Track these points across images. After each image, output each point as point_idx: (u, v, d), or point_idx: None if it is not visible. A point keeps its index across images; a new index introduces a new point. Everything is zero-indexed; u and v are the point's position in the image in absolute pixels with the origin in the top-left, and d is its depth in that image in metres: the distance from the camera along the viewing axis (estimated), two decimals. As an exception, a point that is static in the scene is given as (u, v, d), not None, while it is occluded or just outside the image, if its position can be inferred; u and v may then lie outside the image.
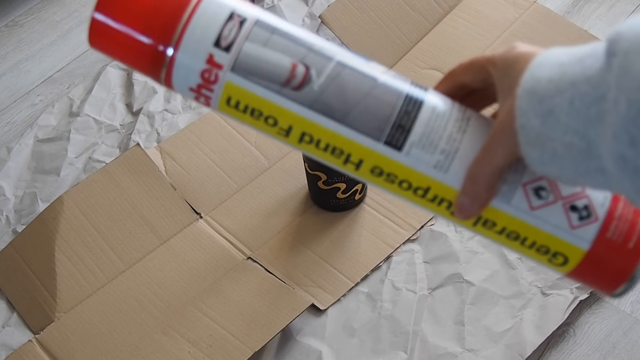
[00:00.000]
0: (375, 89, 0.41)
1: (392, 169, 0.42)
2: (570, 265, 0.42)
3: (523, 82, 0.38)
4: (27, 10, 1.28)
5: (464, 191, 0.41)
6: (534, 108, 0.37)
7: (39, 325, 0.91)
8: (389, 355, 0.86)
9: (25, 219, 1.00)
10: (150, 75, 0.44)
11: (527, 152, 0.38)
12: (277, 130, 0.42)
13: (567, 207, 0.41)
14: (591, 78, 0.35)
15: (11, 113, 1.14)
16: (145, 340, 0.88)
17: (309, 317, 0.90)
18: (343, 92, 0.41)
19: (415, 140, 0.41)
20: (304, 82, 0.41)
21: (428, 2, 1.17)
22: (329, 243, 0.95)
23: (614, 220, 0.41)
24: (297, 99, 0.41)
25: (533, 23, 1.15)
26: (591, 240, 0.41)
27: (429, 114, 0.41)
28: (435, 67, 1.11)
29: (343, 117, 0.41)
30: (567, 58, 0.38)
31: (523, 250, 0.43)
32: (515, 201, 0.41)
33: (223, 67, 0.41)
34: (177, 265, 0.94)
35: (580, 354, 0.87)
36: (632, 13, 1.21)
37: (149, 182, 0.99)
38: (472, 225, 0.43)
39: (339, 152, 0.42)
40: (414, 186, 0.42)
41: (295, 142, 0.43)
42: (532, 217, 0.41)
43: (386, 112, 0.41)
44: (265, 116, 0.42)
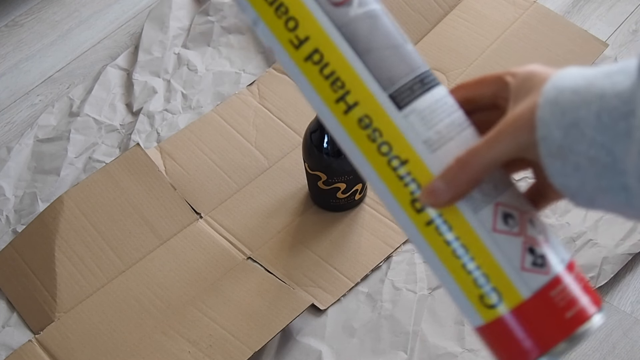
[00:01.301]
0: (404, 47, 0.41)
1: (382, 124, 0.39)
2: (498, 311, 0.38)
3: (545, 92, 0.37)
4: (27, 10, 1.28)
5: (445, 175, 0.39)
6: (556, 119, 0.36)
7: (39, 325, 0.91)
8: (389, 355, 0.86)
9: (25, 219, 1.00)
10: None
11: (547, 162, 0.37)
12: (292, 37, 0.40)
13: (526, 246, 0.39)
14: (622, 93, 0.34)
15: (11, 113, 1.14)
16: (145, 340, 0.88)
17: (309, 317, 0.90)
18: (374, 31, 0.40)
19: (419, 108, 0.40)
20: (344, 3, 0.40)
21: (428, 2, 1.17)
22: (329, 243, 0.95)
23: (562, 283, 0.38)
24: (330, 13, 0.40)
25: (533, 23, 1.15)
26: (534, 291, 0.38)
27: (440, 96, 0.40)
28: (435, 67, 1.11)
29: (364, 52, 0.40)
30: (592, 73, 0.37)
31: (460, 276, 0.39)
32: (482, 215, 0.39)
33: None
34: (177, 265, 0.94)
35: (580, 354, 0.87)
36: (632, 13, 1.21)
37: (149, 182, 0.99)
38: (424, 225, 0.40)
39: (339, 85, 0.40)
40: (393, 152, 0.39)
41: (300, 58, 0.40)
42: (490, 239, 0.38)
43: (404, 70, 0.40)
44: (290, 16, 0.40)
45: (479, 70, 1.10)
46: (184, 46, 1.17)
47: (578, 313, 0.38)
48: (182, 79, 1.13)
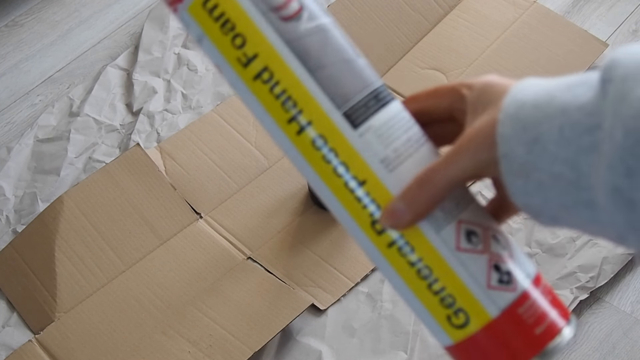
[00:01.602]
0: (357, 62, 0.39)
1: (337, 144, 0.38)
2: (468, 330, 0.37)
3: (505, 106, 0.35)
4: (27, 10, 1.28)
5: (405, 195, 0.37)
6: (518, 135, 0.34)
7: (39, 325, 0.91)
8: (389, 355, 0.86)
9: (25, 219, 1.00)
10: None
11: (509, 181, 0.35)
12: (239, 55, 0.38)
13: (491, 263, 0.37)
14: (584, 106, 0.33)
15: (11, 113, 1.14)
16: (145, 340, 0.88)
17: (309, 317, 0.90)
18: (326, 47, 0.38)
19: (375, 125, 0.38)
20: (293, 17, 0.38)
21: (428, 2, 1.17)
22: (329, 243, 0.95)
23: (530, 298, 0.37)
24: (279, 29, 0.38)
25: (533, 23, 1.15)
26: (502, 308, 0.37)
27: (396, 112, 0.39)
28: (435, 67, 1.11)
29: (315, 69, 0.38)
30: (553, 85, 0.35)
31: (425, 297, 0.38)
32: (444, 234, 0.37)
33: None
34: (177, 265, 0.94)
35: (580, 354, 0.87)
36: (632, 13, 1.21)
37: (149, 182, 0.99)
38: (386, 247, 0.38)
39: (291, 105, 0.38)
40: (350, 173, 0.38)
41: (249, 77, 0.38)
42: (454, 258, 0.37)
43: (358, 86, 0.38)
44: (236, 33, 0.38)
45: (479, 70, 1.10)
46: (184, 46, 1.17)
47: (548, 328, 0.37)
48: (182, 79, 1.13)
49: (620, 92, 0.31)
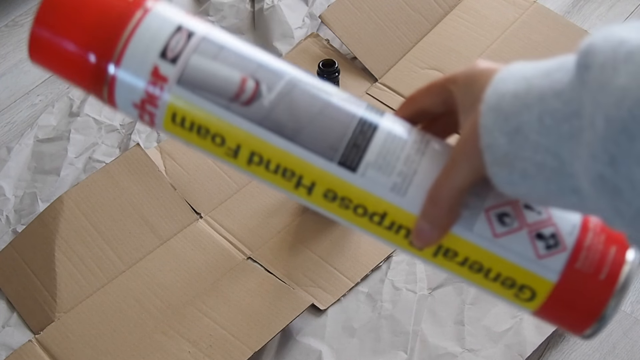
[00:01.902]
0: (329, 107, 0.39)
1: (346, 192, 0.39)
2: (538, 300, 0.39)
3: (486, 98, 0.36)
4: (27, 10, 1.28)
5: (424, 215, 0.38)
6: (499, 126, 0.35)
7: (39, 325, 0.91)
8: (389, 355, 0.86)
9: (25, 219, 1.00)
10: (93, 91, 0.41)
11: (494, 172, 0.36)
12: (225, 150, 0.40)
13: (532, 235, 0.38)
14: (561, 93, 0.33)
15: (11, 113, 1.14)
16: (145, 340, 0.88)
17: (309, 317, 0.90)
18: (295, 109, 0.39)
19: (371, 160, 0.39)
20: (253, 98, 0.39)
21: (428, 2, 1.17)
22: (329, 243, 0.95)
23: (583, 249, 0.38)
24: (246, 115, 0.39)
25: (533, 23, 1.15)
26: (559, 271, 0.38)
27: (386, 135, 0.39)
28: (435, 67, 1.11)
29: (294, 135, 0.39)
30: (532, 72, 0.35)
31: (488, 285, 0.40)
32: (477, 228, 0.38)
33: (168, 80, 0.39)
34: (177, 265, 0.94)
35: (580, 354, 0.87)
36: (632, 13, 1.21)
37: (149, 182, 0.99)
38: (432, 257, 0.39)
39: (290, 174, 0.39)
40: (369, 211, 0.39)
41: (244, 164, 0.40)
42: (496, 246, 0.38)
43: (340, 130, 0.39)
44: (213, 134, 0.39)
45: (479, 70, 1.10)
46: (184, 46, 1.17)
47: (610, 271, 0.38)
48: (182, 79, 1.13)
49: (599, 81, 0.31)
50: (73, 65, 0.41)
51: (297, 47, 1.15)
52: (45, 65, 0.42)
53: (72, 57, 0.40)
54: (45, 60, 0.42)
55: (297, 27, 1.19)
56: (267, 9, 1.20)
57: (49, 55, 0.41)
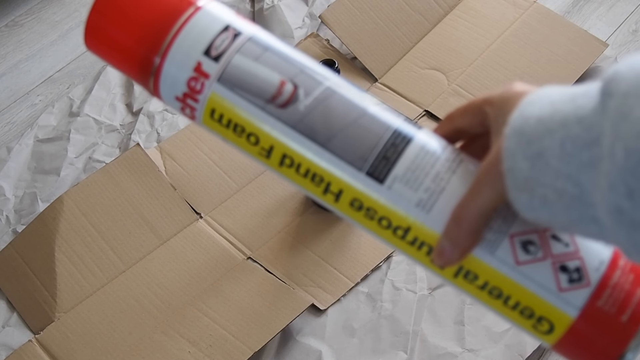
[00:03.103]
0: (363, 117, 0.40)
1: (372, 203, 0.39)
2: (556, 334, 0.38)
3: (512, 121, 0.35)
4: (27, 10, 1.28)
5: (446, 234, 0.37)
6: (522, 149, 0.34)
7: (39, 325, 0.91)
8: (389, 355, 0.86)
9: (25, 219, 1.00)
10: (141, 82, 0.43)
11: (514, 196, 0.35)
12: (259, 150, 0.41)
13: (556, 266, 0.37)
14: (583, 119, 0.32)
15: (11, 113, 1.14)
16: (145, 340, 0.88)
17: (309, 317, 0.90)
18: (329, 115, 0.39)
19: (399, 174, 0.39)
20: (290, 101, 0.39)
21: (428, 2, 1.17)
22: (329, 243, 0.95)
23: (608, 287, 0.37)
24: (281, 117, 0.39)
25: (533, 23, 1.15)
26: (580, 307, 0.37)
27: (418, 150, 0.39)
28: (435, 67, 1.11)
29: (326, 141, 0.39)
30: (559, 96, 0.35)
31: (506, 312, 0.39)
32: (500, 253, 0.38)
33: (210, 76, 0.40)
34: (177, 265, 0.94)
35: (580, 354, 0.87)
36: (632, 13, 1.21)
37: (149, 182, 0.99)
38: (453, 277, 0.39)
39: (318, 180, 0.40)
40: (393, 225, 0.39)
41: (276, 165, 0.41)
42: (517, 273, 0.37)
43: (372, 142, 0.39)
44: (248, 133, 0.40)
45: (479, 71, 1.10)
46: (184, 46, 1.17)
47: (634, 313, 0.37)
48: (182, 79, 1.13)
49: (621, 110, 0.30)
50: (123, 55, 0.42)
51: (297, 47, 1.15)
52: (98, 53, 0.44)
53: (123, 47, 0.42)
54: (98, 48, 0.43)
55: (297, 27, 1.19)
56: (267, 9, 1.20)
57: (102, 43, 0.43)
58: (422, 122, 1.07)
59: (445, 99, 1.08)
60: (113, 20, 0.42)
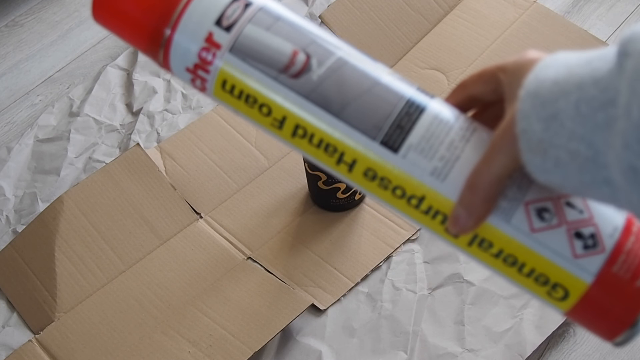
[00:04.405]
0: (377, 86, 0.40)
1: (386, 172, 0.39)
2: (571, 300, 0.38)
3: (526, 84, 0.35)
4: (27, 10, 1.28)
5: (461, 201, 0.38)
6: (536, 111, 0.34)
7: (39, 325, 0.91)
8: (389, 355, 0.86)
9: (25, 219, 1.01)
10: (150, 54, 0.42)
11: (528, 158, 0.35)
12: (271, 121, 0.40)
13: (571, 233, 0.38)
14: (600, 80, 0.32)
15: (11, 113, 1.14)
16: (145, 340, 0.88)
17: (309, 317, 0.90)
18: (342, 85, 0.39)
19: (414, 142, 0.39)
20: (303, 71, 0.39)
21: (428, 2, 1.17)
22: (329, 243, 0.95)
23: (622, 253, 0.37)
24: (294, 87, 0.39)
25: (533, 23, 1.15)
26: (595, 273, 0.37)
27: (432, 118, 0.39)
28: (435, 67, 1.11)
29: (340, 111, 0.39)
30: (575, 60, 0.35)
31: (521, 280, 0.39)
32: (515, 220, 0.38)
33: (222, 47, 0.40)
34: (177, 265, 0.94)
35: (580, 354, 0.87)
36: (632, 13, 1.21)
37: (149, 182, 0.99)
38: (467, 246, 0.39)
39: (332, 150, 0.40)
40: (408, 194, 0.39)
41: (288, 136, 0.40)
42: (532, 240, 0.38)
43: (386, 110, 0.39)
44: (260, 104, 0.40)
45: (479, 70, 1.10)
46: (184, 46, 1.17)
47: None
48: (182, 79, 1.13)
49: (638, 69, 0.30)
50: (132, 27, 0.42)
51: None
52: (106, 25, 0.43)
53: (132, 19, 0.41)
54: (106, 20, 0.43)
55: (297, 27, 1.19)
56: (267, 9, 1.20)
57: (110, 14, 0.42)
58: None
59: (445, 99, 1.08)
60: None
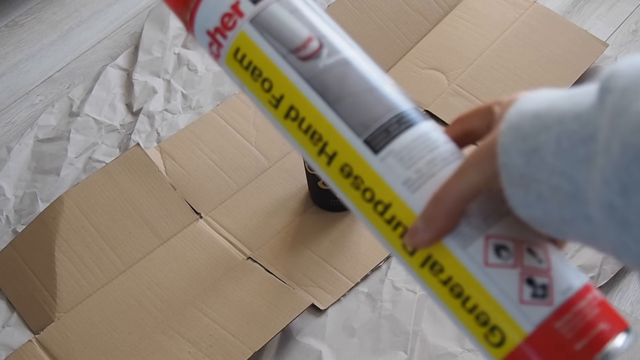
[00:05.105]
0: (376, 90, 0.40)
1: (361, 171, 0.39)
2: (506, 348, 0.37)
3: (508, 117, 0.35)
4: (27, 10, 1.28)
5: (423, 214, 0.37)
6: (517, 146, 0.34)
7: (39, 325, 0.91)
8: (389, 355, 0.86)
9: (25, 219, 1.00)
10: (178, 11, 0.44)
11: (510, 192, 0.35)
12: (269, 98, 0.42)
13: (523, 277, 0.37)
14: (580, 115, 0.32)
15: (11, 113, 1.14)
16: (145, 340, 0.88)
17: (309, 317, 0.90)
18: (344, 79, 0.40)
19: (395, 149, 0.39)
20: (312, 56, 0.41)
21: (428, 2, 1.17)
22: (329, 243, 0.95)
23: (569, 312, 0.36)
24: (299, 68, 0.41)
25: (533, 23, 1.15)
26: (537, 324, 0.36)
27: (420, 134, 0.40)
28: (435, 67, 1.11)
29: (335, 101, 0.40)
30: (557, 94, 0.35)
31: (463, 316, 0.38)
32: (471, 249, 0.37)
33: (244, 15, 0.42)
34: (177, 265, 0.94)
35: (580, 354, 0.87)
36: (632, 13, 1.21)
37: (149, 182, 0.99)
38: (419, 267, 0.39)
39: (317, 138, 0.40)
40: (376, 198, 0.39)
41: (281, 116, 0.41)
42: (483, 274, 0.37)
43: (377, 113, 0.40)
44: (264, 78, 0.41)
45: (479, 71, 1.10)
46: (184, 46, 1.17)
47: (589, 344, 0.36)
48: (182, 79, 1.13)
49: (619, 104, 0.30)
50: None
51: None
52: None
53: None
54: None
55: (297, 27, 1.19)
56: (267, 9, 1.20)
57: None
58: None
59: (445, 99, 1.08)
60: None
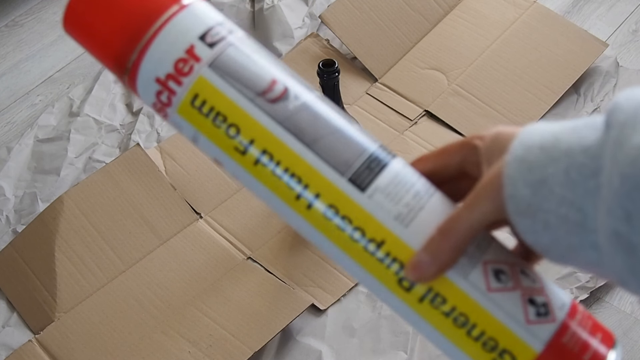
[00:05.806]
0: (348, 130, 0.39)
1: (349, 210, 0.38)
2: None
3: (512, 149, 0.36)
4: (27, 10, 1.28)
5: (428, 246, 0.37)
6: (523, 177, 0.35)
7: (39, 325, 0.91)
8: (389, 355, 0.86)
9: (25, 219, 1.00)
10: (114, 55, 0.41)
11: (516, 221, 0.36)
12: (236, 144, 0.39)
13: (525, 298, 0.37)
14: (589, 149, 0.34)
15: (11, 113, 1.14)
16: (145, 340, 0.88)
17: (309, 317, 0.90)
18: (317, 120, 0.39)
19: (381, 185, 0.38)
20: (280, 98, 0.39)
21: (428, 2, 1.17)
22: (329, 243, 0.95)
23: (571, 327, 0.37)
24: (269, 111, 0.39)
25: (533, 23, 1.15)
26: (546, 341, 0.36)
27: (399, 169, 0.39)
28: (435, 67, 1.11)
29: (312, 142, 0.38)
30: (559, 128, 0.36)
31: (467, 345, 0.37)
32: (472, 277, 0.37)
33: (201, 60, 0.39)
34: (177, 265, 0.94)
35: (580, 354, 0.87)
36: (632, 13, 1.21)
37: (149, 182, 0.99)
38: (417, 302, 0.38)
39: (296, 181, 0.39)
40: (367, 236, 0.38)
41: (249, 163, 0.39)
42: (487, 300, 0.37)
43: (358, 149, 0.39)
44: (229, 124, 0.39)
45: (479, 71, 1.10)
46: (184, 46, 1.17)
47: (594, 355, 0.37)
48: (182, 79, 1.13)
49: (618, 139, 0.32)
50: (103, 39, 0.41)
51: (297, 47, 1.15)
52: (76, 39, 0.42)
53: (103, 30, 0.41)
54: (76, 33, 0.42)
55: (297, 27, 1.19)
56: (267, 9, 1.20)
57: (80, 29, 0.42)
58: (422, 122, 1.07)
59: (445, 99, 1.08)
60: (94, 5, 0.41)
